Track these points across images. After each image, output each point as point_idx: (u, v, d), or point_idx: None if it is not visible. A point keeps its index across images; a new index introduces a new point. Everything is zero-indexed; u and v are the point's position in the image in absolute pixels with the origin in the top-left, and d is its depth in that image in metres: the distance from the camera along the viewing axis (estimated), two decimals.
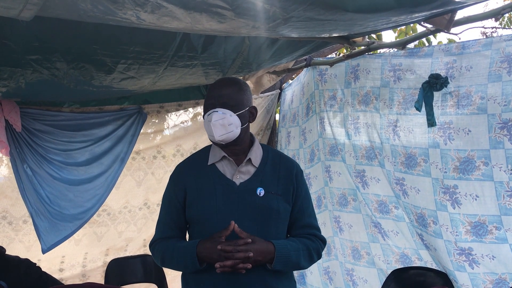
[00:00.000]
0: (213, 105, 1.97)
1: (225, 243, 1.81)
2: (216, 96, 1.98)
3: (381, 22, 2.03)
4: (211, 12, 1.67)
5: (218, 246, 1.80)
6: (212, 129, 1.93)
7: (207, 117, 1.96)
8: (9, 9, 1.49)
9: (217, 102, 1.96)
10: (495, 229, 2.53)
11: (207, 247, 1.84)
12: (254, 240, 1.84)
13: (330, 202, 3.61)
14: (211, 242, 1.84)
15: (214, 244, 1.82)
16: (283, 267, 1.91)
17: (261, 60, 3.04)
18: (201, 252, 1.85)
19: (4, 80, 2.50)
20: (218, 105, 1.96)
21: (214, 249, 1.81)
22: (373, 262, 3.34)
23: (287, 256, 1.90)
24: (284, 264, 1.90)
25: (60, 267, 3.85)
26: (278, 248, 1.88)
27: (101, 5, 1.55)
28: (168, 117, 4.02)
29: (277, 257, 1.87)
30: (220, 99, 1.97)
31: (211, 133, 1.95)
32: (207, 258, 1.84)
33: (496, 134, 2.47)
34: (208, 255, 1.84)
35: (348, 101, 3.33)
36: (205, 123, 1.98)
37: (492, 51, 2.50)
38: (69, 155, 3.48)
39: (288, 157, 2.21)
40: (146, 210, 4.06)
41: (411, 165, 2.88)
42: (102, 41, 2.33)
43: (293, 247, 1.94)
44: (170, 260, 1.99)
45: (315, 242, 2.05)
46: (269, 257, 1.86)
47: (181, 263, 1.93)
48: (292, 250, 1.93)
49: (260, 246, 1.84)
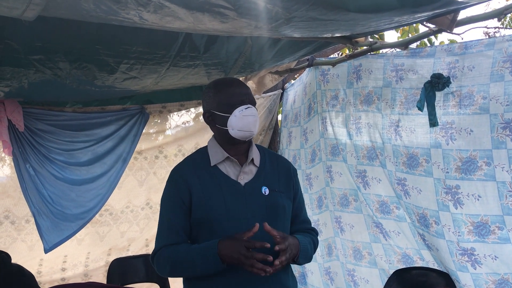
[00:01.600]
0: (243, 101, 1.97)
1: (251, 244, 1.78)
2: (243, 93, 1.99)
3: (383, 22, 2.03)
4: (213, 12, 1.67)
5: (250, 260, 1.75)
6: (253, 123, 1.95)
7: (245, 112, 1.95)
8: (12, 9, 1.49)
9: (246, 99, 1.98)
10: (498, 229, 2.53)
11: (228, 247, 1.80)
12: (285, 236, 1.87)
13: (331, 203, 3.61)
14: (232, 241, 1.80)
15: (235, 243, 1.79)
16: (304, 260, 1.99)
17: (263, 60, 3.04)
18: (222, 251, 1.80)
19: (7, 80, 2.51)
20: (248, 101, 1.99)
21: (235, 248, 1.78)
22: (375, 262, 3.34)
23: (306, 250, 1.98)
24: (305, 257, 1.98)
25: (63, 267, 3.87)
26: (301, 243, 1.95)
27: (104, 5, 1.55)
28: (170, 117, 4.04)
29: (301, 251, 1.94)
30: (248, 96, 2.00)
31: (249, 127, 1.95)
32: (228, 257, 1.80)
33: (499, 134, 2.47)
34: (229, 254, 1.79)
35: (350, 101, 3.32)
36: (240, 118, 1.94)
37: (494, 51, 2.50)
38: (71, 155, 3.49)
39: (282, 157, 2.29)
40: (148, 210, 4.08)
41: (413, 165, 2.88)
42: (104, 41, 2.33)
43: (308, 241, 2.03)
44: (183, 264, 1.91)
45: (314, 236, 2.16)
46: (295, 251, 1.90)
47: (200, 265, 1.86)
48: (308, 243, 2.01)
49: (292, 241, 1.89)
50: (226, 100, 1.98)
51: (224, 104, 1.98)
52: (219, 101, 2.00)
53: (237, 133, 1.96)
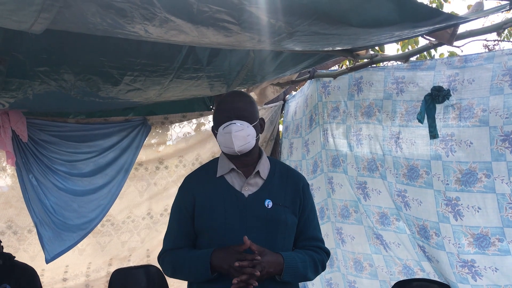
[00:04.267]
0: (229, 117, 1.98)
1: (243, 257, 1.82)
2: (230, 109, 2.00)
3: (384, 36, 2.05)
4: (218, 26, 1.69)
5: (236, 263, 1.80)
6: (232, 140, 1.94)
7: (225, 129, 1.97)
8: (21, 23, 1.52)
9: (233, 114, 1.98)
10: (498, 241, 2.54)
11: (221, 257, 1.87)
12: (264, 252, 1.87)
13: (332, 214, 3.62)
14: (225, 253, 1.86)
15: (228, 255, 1.84)
16: (292, 279, 1.94)
17: (265, 73, 3.06)
18: (214, 261, 1.87)
19: (12, 91, 2.52)
20: (235, 117, 1.98)
21: (226, 260, 1.84)
22: (376, 273, 3.34)
23: (295, 267, 1.93)
24: (293, 276, 1.93)
25: (64, 277, 3.87)
26: (286, 260, 1.91)
27: (110, 19, 1.57)
28: (172, 128, 4.06)
29: (286, 268, 1.90)
30: (236, 111, 1.99)
31: (229, 144, 1.96)
32: (218, 267, 1.86)
33: (498, 146, 2.49)
34: (219, 265, 1.86)
35: (351, 113, 3.35)
36: (222, 135, 1.97)
37: (494, 64, 2.53)
38: (74, 165, 3.51)
39: (295, 170, 2.25)
40: (149, 220, 4.08)
41: (413, 177, 2.90)
42: (109, 53, 2.35)
43: (300, 258, 1.97)
44: (181, 268, 1.99)
45: (320, 254, 2.09)
46: (278, 268, 1.89)
47: (193, 271, 1.94)
48: (299, 261, 1.96)
49: (270, 258, 1.87)
50: (216, 117, 2.06)
51: (215, 121, 2.06)
52: (214, 118, 2.09)
53: (224, 149, 2.02)
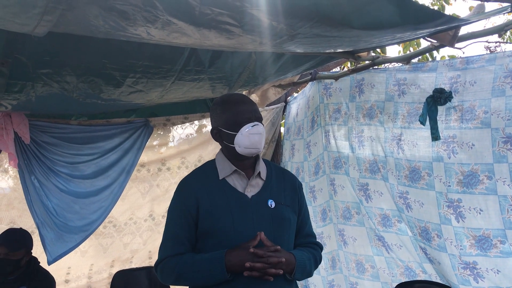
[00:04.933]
0: (250, 119, 1.99)
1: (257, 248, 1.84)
2: (250, 110, 2.02)
3: (386, 38, 2.06)
4: (220, 29, 1.70)
5: (251, 249, 1.82)
6: (260, 141, 1.98)
7: (251, 130, 1.97)
8: (24, 25, 1.53)
9: (253, 116, 2.01)
10: (500, 243, 2.54)
11: (239, 255, 1.85)
12: (280, 249, 1.88)
13: (334, 215, 3.62)
14: (241, 250, 1.85)
15: (244, 251, 1.84)
16: (301, 276, 1.99)
17: (267, 74, 3.07)
18: (231, 261, 1.84)
19: (15, 93, 2.53)
20: (255, 119, 2.01)
21: (244, 256, 1.83)
22: (378, 275, 3.34)
23: (304, 265, 1.97)
24: (302, 273, 1.97)
25: (66, 278, 3.87)
26: (297, 258, 1.94)
27: (113, 21, 1.58)
28: (174, 130, 4.06)
29: (297, 267, 1.93)
30: (255, 113, 2.02)
31: (256, 145, 1.98)
32: (237, 266, 1.84)
33: (500, 148, 2.49)
34: (238, 263, 1.83)
35: (352, 115, 3.35)
36: (247, 136, 1.97)
37: (496, 66, 2.53)
38: (75, 167, 3.51)
39: (288, 171, 2.30)
40: (151, 221, 4.08)
41: (415, 179, 2.90)
42: (111, 55, 2.36)
43: (306, 256, 2.02)
44: (189, 274, 1.93)
45: (317, 250, 2.16)
46: (291, 267, 1.91)
47: (205, 274, 1.89)
48: (306, 259, 2.00)
49: (285, 255, 1.89)
50: (233, 118, 2.01)
51: (231, 122, 2.01)
52: (226, 119, 2.02)
53: (244, 150, 2.00)
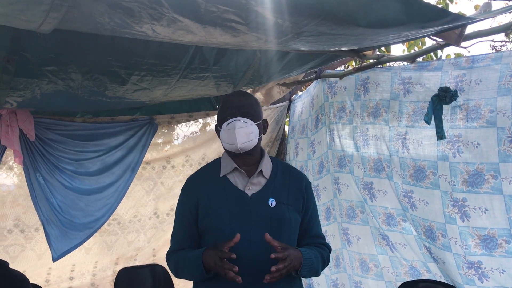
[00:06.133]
0: (233, 114, 2.00)
1: (225, 253, 1.83)
2: (236, 106, 2.02)
3: (391, 37, 2.05)
4: (225, 27, 1.70)
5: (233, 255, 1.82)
6: (235, 137, 1.96)
7: (229, 125, 1.99)
8: (29, 22, 1.53)
9: (237, 111, 2.00)
10: (505, 242, 2.52)
11: (209, 255, 1.87)
12: (287, 247, 1.89)
13: (338, 214, 3.61)
14: (213, 250, 1.87)
15: (215, 252, 1.85)
16: (307, 273, 1.99)
17: (272, 73, 3.07)
18: (204, 259, 1.88)
19: (20, 91, 2.54)
20: (239, 114, 2.00)
21: (213, 257, 1.84)
22: (382, 274, 3.33)
23: (311, 262, 1.97)
24: (309, 271, 1.97)
25: (70, 276, 3.88)
26: (304, 255, 1.95)
27: (118, 18, 1.58)
28: (178, 128, 4.07)
29: (304, 264, 1.93)
30: (241, 108, 2.01)
31: (232, 141, 1.97)
32: (207, 265, 1.87)
33: (506, 147, 2.48)
34: (207, 262, 1.87)
35: (357, 113, 3.34)
36: (226, 131, 2.00)
37: (501, 65, 2.52)
38: (80, 164, 3.53)
39: (297, 170, 2.29)
40: (155, 219, 4.09)
41: (420, 178, 2.89)
42: (116, 53, 2.36)
43: (314, 254, 2.02)
44: (182, 270, 2.03)
45: (325, 250, 2.15)
46: (298, 263, 1.91)
47: (190, 271, 1.97)
48: (314, 257, 2.01)
49: (294, 252, 1.90)
50: (219, 114, 2.07)
51: (219, 118, 2.07)
52: (218, 115, 2.10)
53: (227, 146, 2.03)
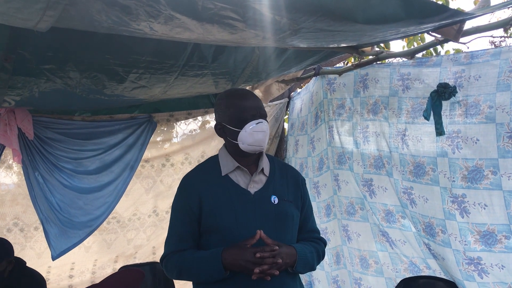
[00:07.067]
0: (254, 116, 1.98)
1: (260, 249, 1.83)
2: (254, 107, 2.00)
3: (390, 33, 2.05)
4: (223, 24, 1.69)
5: (257, 254, 1.81)
6: (263, 139, 1.98)
7: (256, 127, 1.96)
8: (26, 20, 1.52)
9: (258, 113, 2.00)
10: (505, 238, 2.53)
11: (234, 254, 1.85)
12: (280, 245, 1.89)
13: (338, 211, 3.61)
14: (238, 249, 1.85)
15: (241, 251, 1.84)
16: (303, 269, 2.00)
17: (270, 70, 3.06)
18: (226, 259, 1.85)
19: (18, 89, 2.53)
20: (259, 116, 2.00)
21: (242, 255, 1.83)
22: (382, 271, 3.33)
23: (306, 258, 1.98)
24: (304, 266, 1.98)
25: (70, 274, 3.89)
26: (298, 251, 1.95)
27: (116, 16, 1.58)
28: (177, 126, 4.07)
29: (299, 260, 1.94)
30: (259, 110, 2.01)
31: (259, 143, 1.97)
32: (233, 265, 1.84)
33: (505, 143, 2.48)
34: (234, 262, 1.84)
35: (357, 110, 3.34)
36: (251, 133, 1.96)
37: (500, 60, 2.51)
38: (79, 163, 3.52)
39: (291, 166, 2.31)
40: (155, 217, 4.09)
41: (419, 174, 2.89)
42: (114, 51, 2.36)
43: (308, 250, 2.03)
44: (188, 270, 1.96)
45: (321, 245, 2.16)
46: (293, 260, 1.92)
47: (204, 272, 1.91)
48: (308, 252, 2.01)
49: (287, 249, 1.91)
50: (237, 115, 1.99)
51: (235, 118, 1.99)
52: (230, 115, 2.01)
53: (248, 147, 1.99)
